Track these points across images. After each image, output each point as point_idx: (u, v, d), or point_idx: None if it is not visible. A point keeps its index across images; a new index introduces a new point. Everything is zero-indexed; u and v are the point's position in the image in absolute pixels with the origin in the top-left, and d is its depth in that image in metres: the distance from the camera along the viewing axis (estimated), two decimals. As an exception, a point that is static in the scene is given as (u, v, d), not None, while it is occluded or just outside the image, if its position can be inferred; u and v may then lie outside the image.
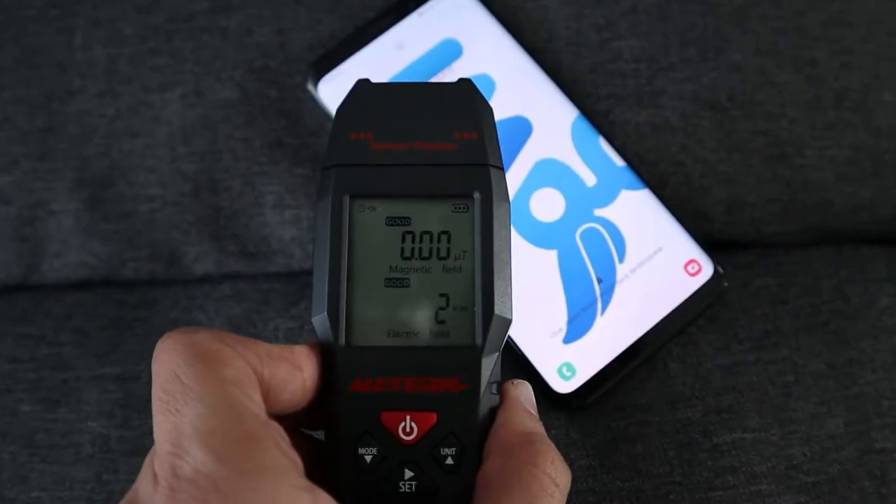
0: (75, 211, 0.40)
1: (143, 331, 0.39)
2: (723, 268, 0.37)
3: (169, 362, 0.21)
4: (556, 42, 0.39)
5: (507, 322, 0.25)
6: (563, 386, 0.34)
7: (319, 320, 0.25)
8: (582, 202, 0.36)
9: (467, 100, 0.27)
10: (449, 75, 0.38)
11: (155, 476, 0.20)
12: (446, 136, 0.26)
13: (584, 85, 0.38)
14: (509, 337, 0.34)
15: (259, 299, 0.39)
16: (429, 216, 0.26)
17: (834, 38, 0.40)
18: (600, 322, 0.35)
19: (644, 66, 0.39)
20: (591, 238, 0.36)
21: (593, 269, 0.35)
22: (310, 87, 0.38)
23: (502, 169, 0.26)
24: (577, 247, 0.36)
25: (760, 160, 0.39)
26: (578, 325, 0.35)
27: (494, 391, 0.25)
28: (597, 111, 0.38)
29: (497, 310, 0.25)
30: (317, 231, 0.26)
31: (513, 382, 0.26)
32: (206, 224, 0.39)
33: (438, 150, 0.26)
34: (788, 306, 0.37)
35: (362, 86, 0.27)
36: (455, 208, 0.26)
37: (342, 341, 0.25)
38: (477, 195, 0.25)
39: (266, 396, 0.22)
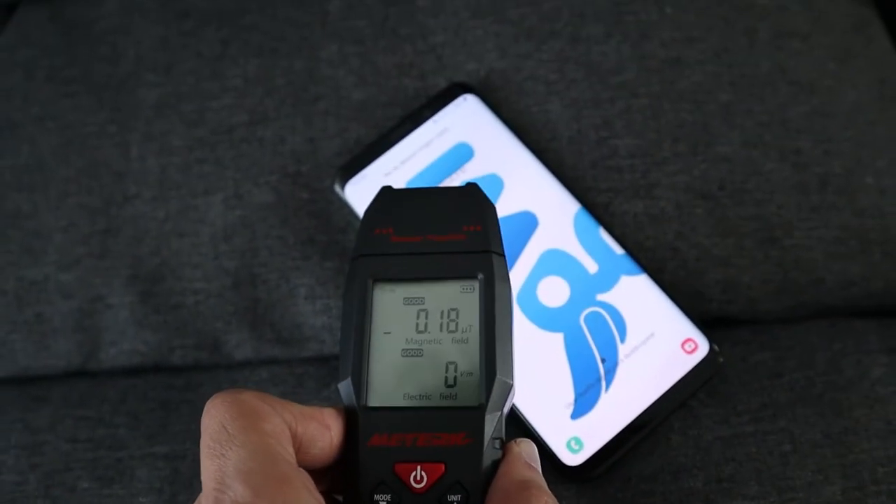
0: (129, 304, 0.44)
1: (188, 412, 0.43)
2: (721, 344, 0.40)
3: (217, 416, 0.25)
4: (559, 141, 0.43)
5: (508, 385, 0.28)
6: (571, 459, 0.37)
7: (345, 385, 0.28)
8: (585, 288, 0.39)
9: (473, 199, 0.31)
10: (462, 176, 0.42)
11: None
12: (455, 229, 0.30)
13: (585, 180, 0.42)
14: (521, 414, 0.38)
15: (294, 382, 0.42)
16: (440, 296, 0.29)
17: (816, 128, 0.44)
18: (605, 398, 0.38)
19: (639, 161, 0.42)
20: (595, 321, 0.39)
21: (597, 349, 0.39)
22: (337, 189, 0.42)
23: (503, 255, 0.30)
24: (582, 329, 0.39)
25: (752, 243, 0.42)
26: (585, 401, 0.38)
27: (497, 446, 0.27)
28: (597, 204, 0.42)
29: (498, 374, 0.28)
30: (345, 309, 0.29)
31: (516, 441, 0.29)
32: (245, 314, 0.43)
33: (448, 240, 0.30)
34: (784, 379, 0.40)
35: (385, 191, 0.32)
36: (463, 289, 0.29)
37: (364, 402, 0.28)
38: (481, 276, 0.29)
39: (298, 449, 0.26)
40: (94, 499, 0.40)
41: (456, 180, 0.41)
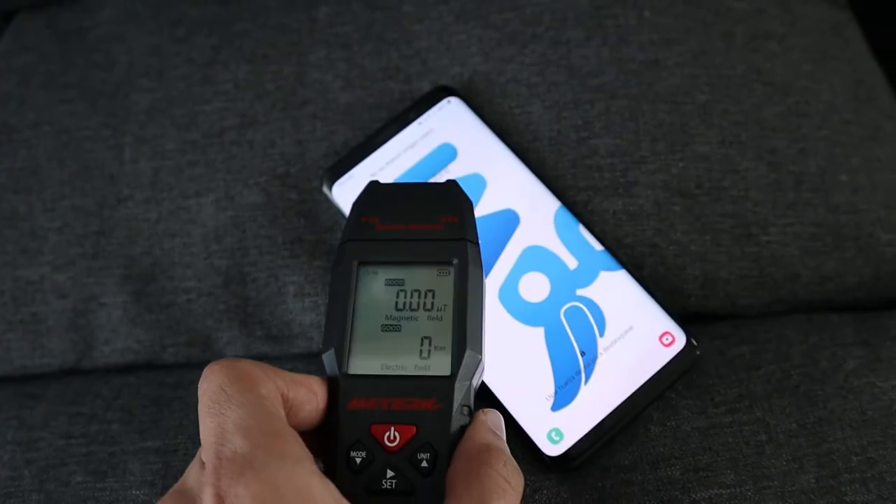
0: (123, 303, 0.45)
1: (180, 408, 0.43)
2: (699, 338, 0.41)
3: (216, 379, 0.27)
4: (540, 142, 0.44)
5: (477, 358, 0.31)
6: (552, 450, 0.38)
7: (328, 355, 0.31)
8: (565, 284, 0.40)
9: (452, 194, 0.34)
10: (446, 175, 0.43)
11: (201, 463, 0.26)
12: (435, 220, 0.33)
13: (566, 179, 0.43)
14: (503, 405, 0.39)
15: (283, 378, 0.43)
16: (418, 278, 0.32)
17: (791, 127, 0.45)
18: (585, 391, 0.39)
19: (618, 161, 0.43)
20: (574, 315, 0.40)
21: (577, 343, 0.40)
22: (325, 189, 0.44)
23: (477, 244, 0.33)
24: (562, 324, 0.40)
25: (729, 239, 0.43)
26: (565, 393, 0.39)
27: (465, 413, 0.30)
28: (577, 202, 0.43)
29: (468, 347, 0.30)
30: (331, 289, 0.32)
31: (483, 410, 0.31)
32: (235, 312, 0.44)
33: (428, 229, 0.33)
34: (761, 371, 0.41)
35: (373, 184, 0.34)
36: (439, 272, 0.32)
37: (345, 370, 0.30)
38: (455, 261, 0.32)
39: (288, 413, 0.28)
40: (87, 492, 0.41)
41: (440, 180, 0.43)
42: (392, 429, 0.29)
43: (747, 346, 0.42)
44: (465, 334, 0.31)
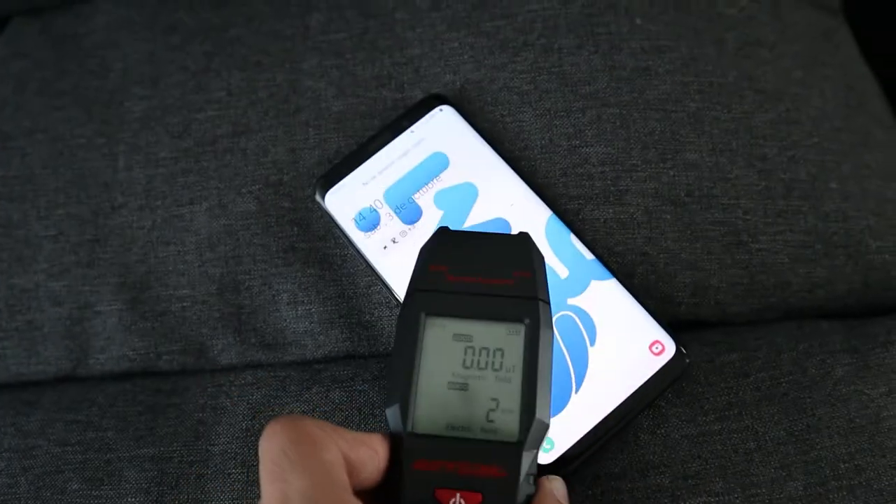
0: (118, 311, 0.45)
1: (175, 415, 0.44)
2: (690, 345, 0.41)
3: (278, 441, 0.26)
4: (532, 150, 0.44)
5: (545, 426, 0.30)
6: (543, 457, 0.38)
7: (392, 411, 0.30)
8: (556, 292, 0.41)
9: (524, 247, 0.33)
10: (438, 185, 0.43)
11: None
12: (506, 274, 0.32)
13: (557, 187, 0.43)
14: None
15: (277, 385, 0.44)
16: (487, 336, 0.31)
17: (782, 135, 0.45)
18: (575, 399, 0.39)
19: (609, 169, 0.44)
20: (565, 324, 0.40)
21: (567, 351, 0.40)
22: (318, 198, 0.44)
23: (549, 303, 0.32)
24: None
25: (720, 247, 0.43)
26: (556, 402, 0.39)
27: (531, 482, 0.30)
28: (568, 210, 0.43)
29: (538, 414, 0.30)
30: (397, 338, 0.31)
31: (548, 478, 0.31)
32: (230, 320, 0.44)
33: (499, 284, 0.32)
34: (750, 379, 0.41)
35: (443, 231, 0.34)
36: (509, 331, 0.31)
37: (410, 429, 0.30)
38: (527, 321, 0.31)
39: (350, 473, 0.28)
40: (83, 500, 0.41)
41: (432, 189, 0.43)
42: (458, 495, 0.29)
43: (737, 353, 0.42)
44: (534, 400, 0.30)
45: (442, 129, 0.44)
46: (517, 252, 0.33)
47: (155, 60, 0.49)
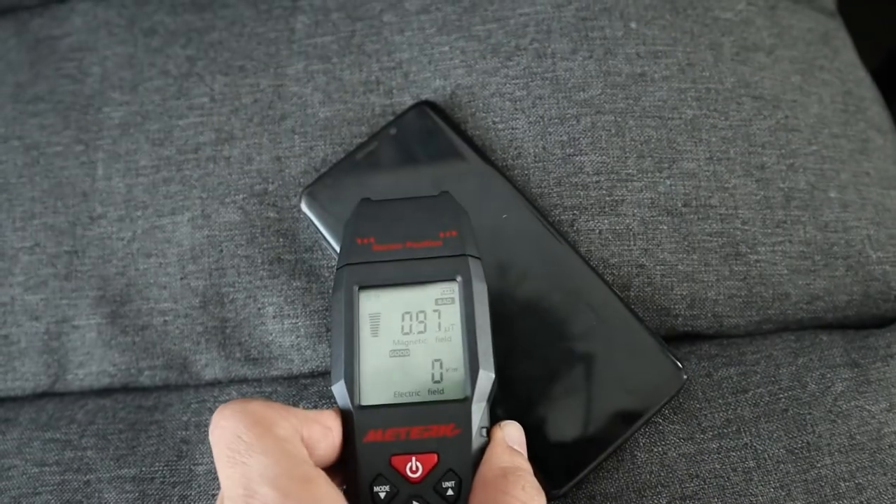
0: (97, 325, 0.44)
1: (157, 433, 0.42)
2: (687, 359, 0.40)
3: (230, 427, 0.26)
4: (525, 159, 0.43)
5: (491, 378, 0.30)
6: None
7: (338, 387, 0.30)
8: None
9: (448, 207, 0.33)
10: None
11: None
12: (433, 236, 0.32)
13: (551, 197, 0.42)
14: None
15: (262, 402, 0.42)
16: (422, 299, 0.32)
17: (780, 142, 0.44)
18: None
19: (604, 178, 0.42)
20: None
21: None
22: (304, 208, 0.42)
23: (479, 258, 0.32)
24: (547, 348, 0.39)
25: (717, 259, 0.42)
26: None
27: (484, 434, 0.30)
28: (562, 221, 0.42)
29: (481, 368, 0.30)
30: (333, 317, 0.31)
31: (500, 424, 0.31)
32: (213, 334, 0.43)
33: (427, 246, 0.32)
34: (749, 395, 0.40)
35: (364, 203, 0.34)
36: (443, 291, 0.32)
37: (357, 402, 0.30)
38: (459, 279, 0.31)
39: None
40: (61, 523, 0.40)
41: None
42: (413, 459, 0.29)
43: (735, 367, 0.41)
44: (476, 354, 0.30)
45: (431, 136, 0.43)
46: (441, 212, 0.33)
47: (134, 64, 0.48)
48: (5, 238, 0.45)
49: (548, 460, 0.37)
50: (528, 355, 0.39)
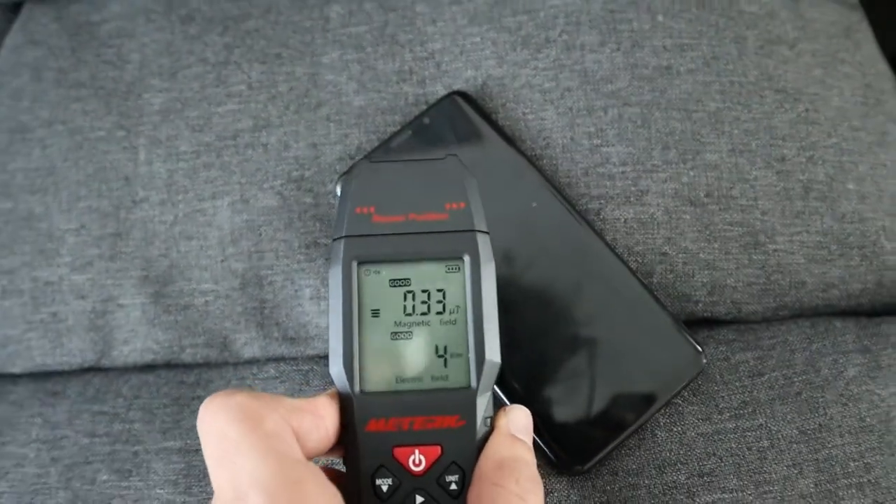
0: (141, 304, 0.46)
1: (199, 407, 0.45)
2: (706, 343, 0.42)
3: (215, 423, 0.25)
4: (553, 149, 0.44)
5: (497, 365, 0.29)
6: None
7: (336, 372, 0.29)
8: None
9: (455, 173, 0.31)
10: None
11: None
12: (438, 207, 0.30)
13: (578, 187, 0.44)
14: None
15: (300, 379, 0.44)
16: (426, 277, 0.30)
17: (801, 135, 0.45)
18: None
19: (630, 169, 0.44)
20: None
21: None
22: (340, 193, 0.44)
23: (487, 233, 0.30)
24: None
25: (737, 247, 0.44)
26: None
27: (488, 424, 0.29)
28: (589, 210, 0.43)
29: (488, 355, 0.29)
30: (330, 293, 0.30)
31: (504, 410, 0.30)
32: (252, 314, 0.45)
33: (431, 219, 0.30)
34: (764, 378, 0.42)
35: (363, 165, 0.31)
36: (448, 269, 0.30)
37: (357, 389, 0.29)
38: (466, 257, 0.29)
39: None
40: (113, 490, 0.42)
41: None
42: (416, 451, 0.28)
43: (752, 352, 0.43)
44: (482, 341, 0.29)
45: (463, 126, 0.44)
46: (448, 179, 0.30)
47: (173, 51, 0.49)
48: (52, 220, 0.47)
49: (573, 438, 0.40)
50: (556, 338, 0.41)
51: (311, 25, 0.48)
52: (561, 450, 0.40)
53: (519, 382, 0.40)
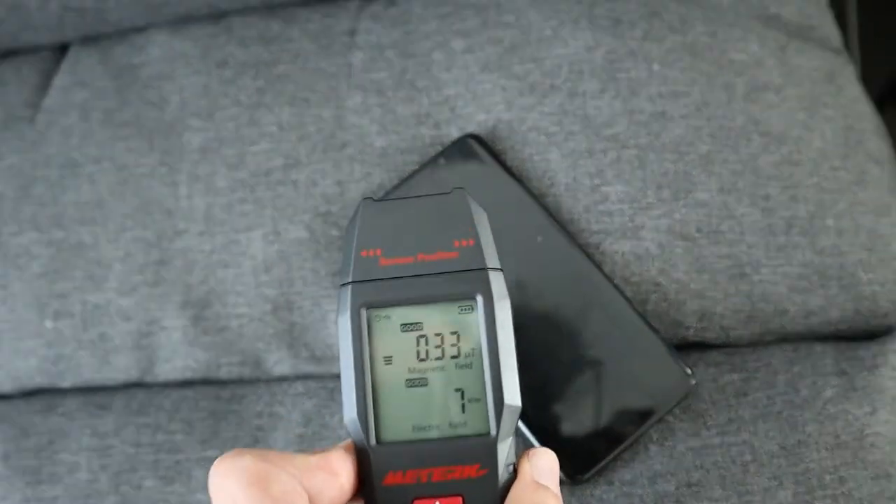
0: (182, 326, 0.50)
1: (235, 421, 0.49)
2: (696, 365, 0.46)
3: (225, 489, 0.25)
4: (557, 188, 0.49)
5: (517, 409, 0.28)
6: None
7: (351, 422, 0.28)
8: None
9: (463, 208, 0.30)
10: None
11: None
12: (447, 246, 0.29)
13: (580, 223, 0.48)
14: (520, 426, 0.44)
15: (326, 395, 0.49)
16: (438, 319, 0.29)
17: (784, 175, 0.49)
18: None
19: (627, 206, 0.48)
20: (586, 349, 0.46)
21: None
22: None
23: (500, 270, 0.29)
24: (575, 356, 0.45)
25: (725, 278, 0.48)
26: (576, 419, 0.44)
27: (511, 471, 0.28)
28: (590, 244, 0.48)
29: (507, 399, 0.28)
30: (340, 341, 0.29)
31: (528, 454, 0.29)
32: (283, 336, 0.50)
33: (441, 259, 0.29)
34: (749, 398, 0.46)
35: (367, 204, 0.30)
36: (461, 310, 0.29)
37: (373, 440, 0.28)
38: (479, 297, 0.28)
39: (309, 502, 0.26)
40: (158, 496, 0.47)
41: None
42: (437, 503, 0.27)
43: (738, 373, 0.47)
44: (500, 384, 0.28)
45: (476, 166, 0.49)
46: (456, 214, 0.29)
47: (209, 94, 0.54)
48: (101, 249, 0.51)
49: (574, 450, 0.44)
50: (559, 361, 0.45)
51: (335, 71, 0.53)
52: (564, 461, 0.43)
53: (526, 400, 0.45)
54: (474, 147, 0.49)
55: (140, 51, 0.57)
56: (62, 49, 0.59)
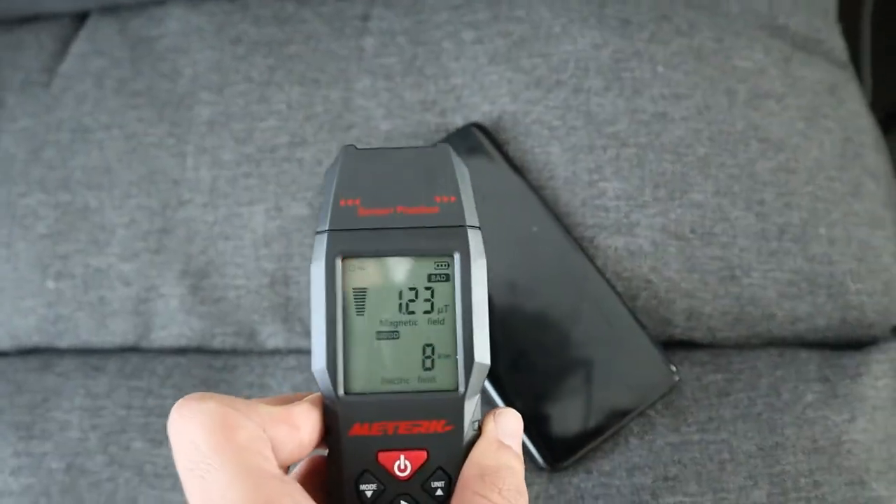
0: (180, 295, 0.51)
1: (225, 389, 0.50)
2: (681, 363, 0.47)
3: (186, 433, 0.24)
4: (556, 181, 0.50)
5: (486, 367, 0.28)
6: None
7: (320, 372, 0.28)
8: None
9: (446, 164, 0.29)
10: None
11: None
12: (427, 200, 0.29)
13: (576, 216, 0.49)
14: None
15: (316, 370, 0.50)
16: (414, 274, 0.28)
17: (780, 182, 0.50)
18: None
19: (623, 203, 0.49)
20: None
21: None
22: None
23: (479, 228, 0.29)
24: (562, 346, 0.46)
25: (715, 280, 0.49)
26: (560, 407, 0.45)
27: (476, 428, 0.28)
28: (584, 237, 0.49)
29: (477, 357, 0.28)
30: (313, 289, 0.28)
31: (493, 414, 0.29)
32: (278, 310, 0.51)
33: (420, 213, 0.29)
34: (731, 398, 0.47)
35: (349, 151, 0.30)
36: (437, 266, 0.29)
37: (341, 391, 0.28)
38: (456, 254, 0.28)
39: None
40: (145, 457, 0.48)
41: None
42: (401, 457, 0.28)
43: (722, 374, 0.48)
44: (472, 343, 0.28)
45: (478, 154, 0.50)
46: (438, 170, 0.29)
47: (222, 69, 0.55)
48: (105, 214, 0.52)
49: (555, 438, 0.45)
50: (545, 351, 0.46)
51: (346, 54, 0.54)
52: (545, 447, 0.45)
53: (510, 386, 0.45)
54: (478, 136, 0.50)
55: (158, 23, 0.58)
56: (81, 17, 0.61)
